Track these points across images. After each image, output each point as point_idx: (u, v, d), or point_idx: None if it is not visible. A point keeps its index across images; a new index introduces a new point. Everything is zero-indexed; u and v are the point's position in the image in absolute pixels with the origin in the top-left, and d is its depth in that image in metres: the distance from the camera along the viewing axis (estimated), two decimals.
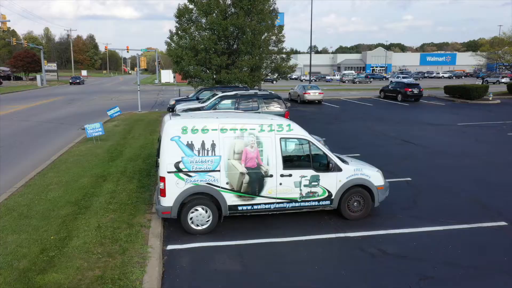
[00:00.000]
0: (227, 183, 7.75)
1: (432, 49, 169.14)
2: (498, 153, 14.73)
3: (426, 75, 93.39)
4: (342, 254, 7.06)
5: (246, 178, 7.80)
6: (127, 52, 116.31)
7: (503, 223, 8.25)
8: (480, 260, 6.78)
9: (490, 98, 33.18)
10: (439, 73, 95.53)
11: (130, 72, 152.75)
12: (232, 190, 7.80)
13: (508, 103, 32.06)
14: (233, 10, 28.66)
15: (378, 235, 7.73)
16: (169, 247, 7.23)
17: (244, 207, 7.95)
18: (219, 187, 7.73)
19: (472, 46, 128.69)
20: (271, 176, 7.90)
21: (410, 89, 34.51)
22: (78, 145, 15.63)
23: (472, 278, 6.24)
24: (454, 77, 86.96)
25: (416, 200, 9.70)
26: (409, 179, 11.31)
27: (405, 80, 45.32)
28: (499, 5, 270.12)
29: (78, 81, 69.89)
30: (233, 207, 7.89)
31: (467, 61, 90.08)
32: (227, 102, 16.67)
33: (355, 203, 8.44)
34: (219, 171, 7.69)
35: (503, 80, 57.51)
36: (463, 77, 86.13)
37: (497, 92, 37.93)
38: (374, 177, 8.56)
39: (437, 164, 13.09)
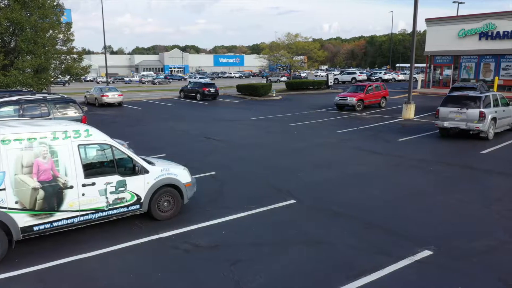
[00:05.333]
0: (16, 202, 6.68)
1: (223, 51, 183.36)
2: (284, 142, 17.06)
3: (220, 75, 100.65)
4: (157, 256, 6.98)
5: (41, 193, 6.89)
6: None
7: (292, 201, 9.61)
8: (279, 236, 7.73)
9: (274, 95, 38.07)
10: (231, 73, 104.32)
11: None
12: (23, 209, 6.76)
13: (288, 98, 37.43)
14: (6, 2, 24.77)
15: (190, 230, 7.95)
16: None
17: (42, 227, 7.01)
18: (5, 208, 6.59)
19: (256, 49, 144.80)
20: (72, 187, 7.19)
21: (207, 89, 36.63)
22: None
23: (274, 253, 7.06)
24: (244, 77, 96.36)
25: (222, 192, 10.38)
26: (213, 173, 12.00)
27: (202, 80, 47.76)
28: (275, 14, 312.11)
29: None
30: (27, 229, 6.86)
31: (253, 62, 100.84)
32: (8, 109, 14.34)
33: (165, 203, 8.47)
34: (4, 189, 6.56)
35: (282, 78, 66.57)
36: (251, 77, 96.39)
37: (279, 89, 43.85)
38: (181, 175, 8.76)
39: (237, 157, 14.30)
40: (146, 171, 8.16)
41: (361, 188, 10.66)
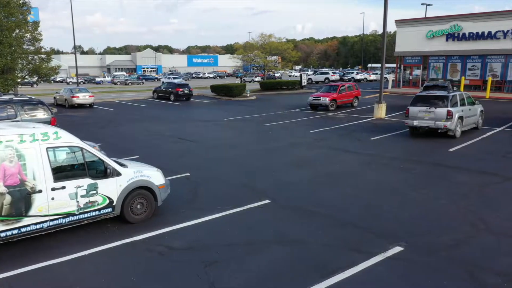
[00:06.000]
0: None
1: (196, 52, 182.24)
2: (258, 142, 17.12)
3: (194, 75, 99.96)
4: (130, 259, 6.89)
5: (8, 198, 6.67)
6: None
7: (267, 201, 9.65)
8: (254, 236, 7.75)
9: (248, 95, 38.12)
10: (205, 73, 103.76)
11: None
12: None
13: (262, 98, 37.55)
14: None
15: (164, 233, 7.88)
16: None
17: (9, 233, 6.80)
18: None
19: (229, 50, 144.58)
20: (40, 191, 7.00)
21: (181, 89, 36.33)
22: None
23: (250, 253, 7.07)
24: (218, 77, 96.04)
25: (196, 193, 10.32)
26: (187, 174, 11.91)
27: (176, 81, 47.42)
28: (249, 15, 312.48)
29: None
30: None
31: (227, 62, 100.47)
32: None
33: (139, 206, 8.35)
34: None
35: (257, 79, 66.72)
36: (225, 77, 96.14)
37: (253, 90, 43.93)
38: (155, 177, 8.66)
39: (211, 157, 14.24)
40: (118, 174, 8.02)
41: (335, 187, 10.82)
